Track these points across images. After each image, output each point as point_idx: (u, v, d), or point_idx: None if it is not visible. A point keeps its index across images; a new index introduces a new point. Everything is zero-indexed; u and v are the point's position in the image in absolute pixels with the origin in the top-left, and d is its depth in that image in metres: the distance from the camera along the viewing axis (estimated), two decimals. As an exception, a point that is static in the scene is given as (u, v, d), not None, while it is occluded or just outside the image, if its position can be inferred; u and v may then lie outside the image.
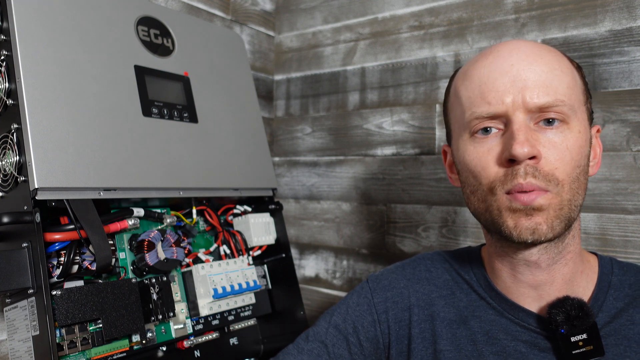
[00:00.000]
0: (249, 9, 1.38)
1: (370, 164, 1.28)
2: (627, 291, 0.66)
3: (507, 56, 0.63)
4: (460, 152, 0.67)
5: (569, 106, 0.61)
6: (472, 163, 0.64)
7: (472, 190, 0.65)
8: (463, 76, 0.67)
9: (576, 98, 0.63)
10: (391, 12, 1.26)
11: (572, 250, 0.66)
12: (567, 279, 0.66)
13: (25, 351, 0.68)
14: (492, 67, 0.63)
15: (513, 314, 0.68)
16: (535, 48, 0.63)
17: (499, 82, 0.62)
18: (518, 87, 0.60)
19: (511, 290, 0.68)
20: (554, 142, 0.60)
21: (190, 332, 0.85)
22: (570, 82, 0.63)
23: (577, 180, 0.61)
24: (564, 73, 0.62)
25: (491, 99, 0.62)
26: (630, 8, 0.96)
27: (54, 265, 0.70)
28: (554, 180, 0.59)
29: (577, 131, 0.61)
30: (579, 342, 0.62)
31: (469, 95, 0.65)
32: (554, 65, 0.62)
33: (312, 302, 1.37)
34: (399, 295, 0.76)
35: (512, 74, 0.61)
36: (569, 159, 0.60)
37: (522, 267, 0.66)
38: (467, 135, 0.65)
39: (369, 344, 0.76)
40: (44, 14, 0.74)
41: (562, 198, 0.60)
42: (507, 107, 0.61)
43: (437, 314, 0.73)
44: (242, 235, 0.97)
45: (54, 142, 0.70)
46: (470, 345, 0.69)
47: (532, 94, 0.60)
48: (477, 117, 0.63)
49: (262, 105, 1.42)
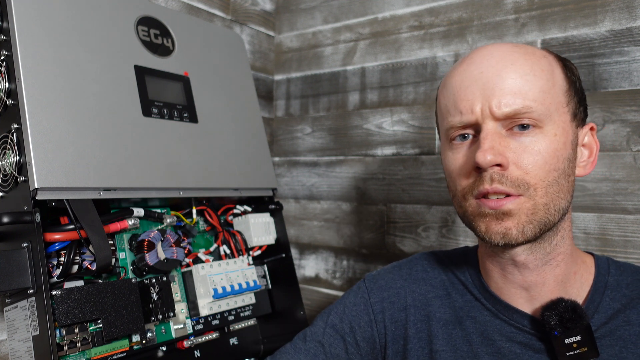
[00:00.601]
0: (249, 9, 1.38)
1: (370, 164, 1.28)
2: (624, 291, 0.66)
3: (479, 63, 0.63)
4: (443, 157, 0.69)
5: (540, 111, 0.60)
6: (450, 169, 0.66)
7: (452, 195, 0.67)
8: (443, 85, 0.68)
9: (552, 100, 0.61)
10: (391, 12, 1.26)
11: (562, 252, 0.66)
12: (559, 280, 0.66)
13: (25, 351, 0.68)
14: (464, 75, 0.64)
15: (507, 315, 0.68)
16: (509, 53, 0.63)
17: (469, 91, 0.62)
18: (485, 96, 0.61)
19: (503, 291, 0.69)
20: (526, 147, 0.60)
21: (190, 332, 0.85)
22: (545, 86, 0.61)
23: (555, 184, 0.61)
24: (537, 77, 0.61)
25: (462, 108, 0.63)
26: (630, 8, 0.96)
27: (54, 265, 0.70)
28: (524, 185, 0.59)
29: (552, 134, 0.61)
30: (573, 343, 0.62)
31: (445, 103, 0.66)
32: (525, 70, 0.61)
33: (312, 302, 1.37)
34: (396, 296, 0.77)
35: (482, 81, 0.61)
36: (542, 163, 0.60)
37: (510, 267, 0.66)
38: (447, 142, 0.67)
39: (365, 344, 0.76)
40: (44, 14, 0.74)
41: (536, 202, 0.60)
42: (476, 116, 0.61)
43: (433, 314, 0.73)
44: (242, 235, 0.97)
45: (54, 142, 0.70)
46: (466, 346, 0.69)
47: (498, 103, 0.60)
48: (451, 126, 0.65)
49: (262, 105, 1.42)
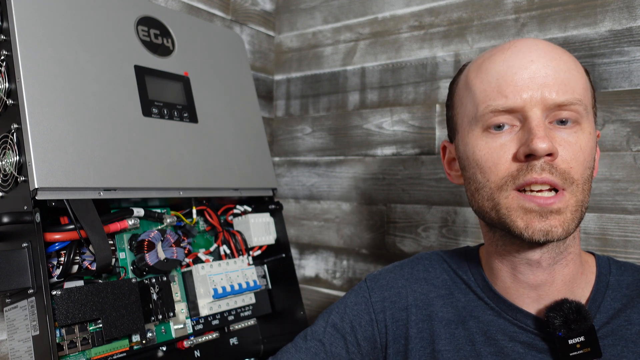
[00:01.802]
0: (249, 9, 1.38)
1: (370, 164, 1.28)
2: (624, 291, 0.66)
3: (527, 52, 0.62)
4: (470, 147, 0.65)
5: (584, 106, 0.61)
6: (483, 158, 0.63)
7: (478, 187, 0.64)
8: (477, 69, 0.66)
9: (589, 100, 0.63)
10: (391, 12, 1.26)
11: (572, 252, 0.66)
12: (567, 280, 0.66)
13: (25, 351, 0.68)
14: (510, 62, 0.63)
15: (511, 314, 0.68)
16: (552, 47, 0.64)
17: (517, 77, 0.61)
18: (537, 84, 0.60)
19: (510, 290, 0.68)
20: (569, 142, 0.60)
21: (190, 332, 0.85)
22: (585, 84, 0.63)
23: (587, 181, 0.62)
24: (580, 74, 0.63)
25: (509, 92, 0.61)
26: (630, 8, 0.96)
27: (54, 265, 0.70)
28: (569, 179, 0.59)
29: (588, 132, 0.62)
30: (576, 344, 0.62)
31: (484, 88, 0.64)
32: (571, 65, 0.62)
33: (312, 302, 1.37)
34: (397, 295, 0.76)
35: (532, 70, 0.61)
36: (582, 159, 0.60)
37: (523, 266, 0.66)
38: (479, 130, 0.64)
39: (366, 343, 0.76)
40: (44, 14, 0.74)
41: (577, 199, 0.60)
42: (524, 102, 0.60)
43: (435, 314, 0.73)
44: (242, 235, 0.97)
45: (54, 142, 0.70)
46: (469, 346, 0.69)
47: (551, 91, 0.60)
48: (492, 110, 0.62)
49: (262, 105, 1.42)
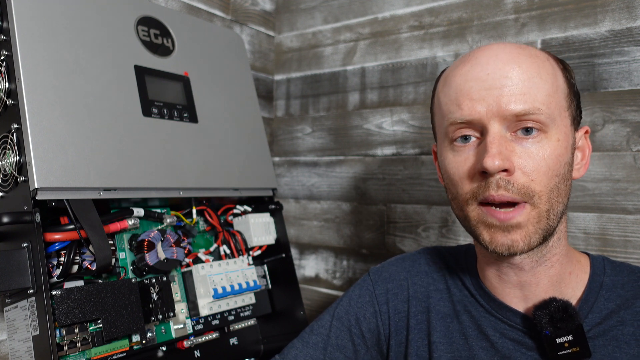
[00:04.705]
0: (249, 9, 1.38)
1: (370, 164, 1.28)
2: (619, 292, 0.66)
3: (484, 63, 0.62)
4: (442, 158, 0.67)
5: (546, 115, 0.60)
6: (451, 172, 0.65)
7: (452, 197, 0.66)
8: (443, 82, 0.67)
9: (556, 105, 0.61)
10: (391, 12, 1.26)
11: (557, 253, 0.66)
12: (553, 281, 0.66)
13: (25, 351, 0.68)
14: (468, 75, 0.62)
15: (501, 312, 0.69)
16: (514, 55, 0.62)
17: (473, 90, 0.61)
18: (493, 96, 0.60)
19: (497, 290, 0.69)
20: (530, 153, 0.59)
21: (190, 332, 0.85)
22: (550, 90, 0.61)
23: (556, 190, 0.60)
24: (543, 80, 0.61)
25: (464, 105, 0.61)
26: (630, 8, 0.96)
27: (54, 265, 0.70)
28: (528, 193, 0.59)
29: (555, 140, 0.60)
30: (564, 343, 0.62)
31: (446, 101, 0.65)
32: (532, 73, 0.61)
33: (312, 302, 1.37)
34: (399, 287, 0.78)
35: (488, 82, 0.60)
36: (546, 169, 0.59)
37: (506, 268, 0.67)
38: (447, 143, 0.65)
39: (370, 335, 0.77)
40: (44, 14, 0.74)
41: (540, 210, 0.60)
42: (480, 114, 0.60)
43: (432, 306, 0.74)
44: (242, 235, 0.97)
45: (54, 142, 0.70)
46: (462, 339, 0.70)
47: (507, 102, 0.59)
48: (451, 122, 0.63)
49: (262, 105, 1.42)
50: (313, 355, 0.76)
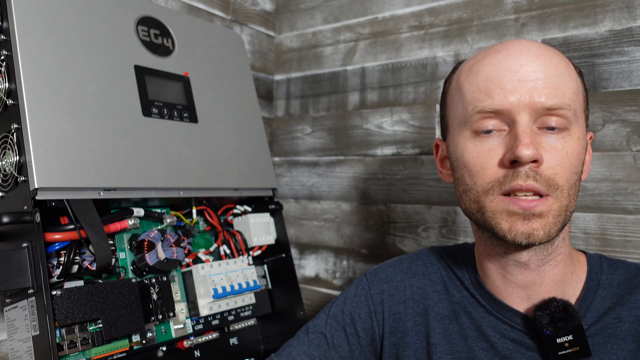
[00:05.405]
0: (249, 9, 1.38)
1: (370, 164, 1.28)
2: (615, 290, 0.66)
3: (517, 55, 0.62)
4: (459, 149, 0.65)
5: (573, 111, 0.61)
6: (471, 162, 0.63)
7: (466, 189, 0.65)
8: (468, 70, 0.66)
9: (579, 105, 0.63)
10: (391, 12, 1.26)
11: (562, 252, 0.66)
12: (557, 281, 0.66)
13: (25, 351, 0.68)
14: (500, 65, 0.62)
15: (501, 313, 0.68)
16: (545, 50, 0.63)
17: (506, 80, 0.61)
18: (526, 87, 0.60)
19: (500, 290, 0.69)
20: (555, 148, 0.60)
21: (190, 332, 0.85)
22: (576, 88, 0.63)
23: (574, 187, 0.62)
24: (571, 78, 0.62)
25: (496, 94, 0.61)
26: (630, 8, 0.96)
27: (54, 265, 0.70)
28: (553, 185, 0.60)
29: (577, 138, 0.62)
30: (564, 343, 0.62)
31: (472, 90, 0.63)
32: (562, 69, 0.62)
33: (312, 302, 1.37)
34: (395, 288, 0.78)
35: (521, 73, 0.61)
36: (568, 165, 0.60)
37: (511, 267, 0.66)
38: (468, 133, 0.64)
39: (365, 335, 0.77)
40: (44, 14, 0.74)
41: (561, 204, 0.60)
42: (511, 105, 0.60)
43: (431, 308, 0.74)
44: (242, 235, 0.97)
45: (54, 142, 0.70)
46: (462, 341, 0.70)
47: (540, 95, 0.59)
48: (479, 111, 0.62)
49: (262, 105, 1.42)
50: (308, 352, 0.76)
